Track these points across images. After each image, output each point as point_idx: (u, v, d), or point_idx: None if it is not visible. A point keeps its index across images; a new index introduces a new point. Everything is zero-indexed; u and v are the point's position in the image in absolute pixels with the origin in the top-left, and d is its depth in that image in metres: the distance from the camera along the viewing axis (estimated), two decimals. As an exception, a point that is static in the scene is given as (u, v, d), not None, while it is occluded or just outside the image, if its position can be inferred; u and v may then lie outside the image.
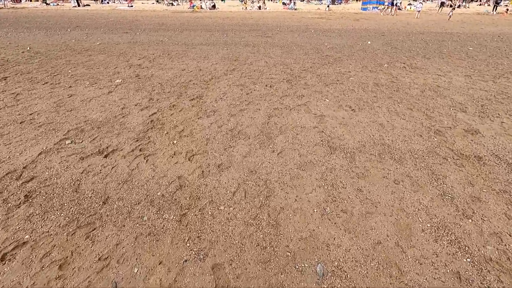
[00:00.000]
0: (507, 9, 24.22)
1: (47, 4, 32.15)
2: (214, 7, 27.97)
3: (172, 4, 31.53)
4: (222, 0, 35.93)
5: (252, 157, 3.19)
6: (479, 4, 31.59)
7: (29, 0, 37.04)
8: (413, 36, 12.36)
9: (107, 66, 7.33)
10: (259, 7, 28.24)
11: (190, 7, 28.09)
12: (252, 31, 13.79)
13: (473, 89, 5.55)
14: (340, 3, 34.07)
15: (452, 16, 20.48)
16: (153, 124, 4.03)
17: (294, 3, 28.98)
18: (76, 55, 8.67)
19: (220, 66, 7.28)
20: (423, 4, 23.96)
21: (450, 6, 25.65)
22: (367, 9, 26.44)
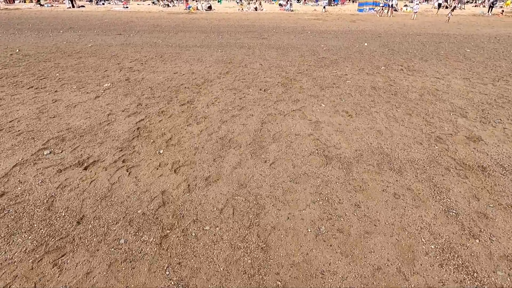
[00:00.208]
0: (503, 11, 24.30)
1: (41, 5, 31.74)
2: (210, 8, 27.78)
3: (168, 6, 31.28)
4: (219, 1, 35.76)
5: (243, 169, 2.99)
6: (475, 6, 31.71)
7: (23, 1, 36.61)
8: (410, 38, 12.25)
9: (97, 69, 7.10)
10: (256, 8, 28.10)
11: (186, 8, 27.87)
12: (248, 33, 13.60)
13: (473, 93, 5.40)
14: (337, 5, 34.05)
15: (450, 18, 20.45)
16: (140, 132, 3.81)
17: (291, 5, 28.87)
18: (66, 58, 8.41)
19: (214, 69, 7.08)
20: (419, 6, 23.93)
21: (448, 8, 25.69)
22: (363, 11, 26.40)
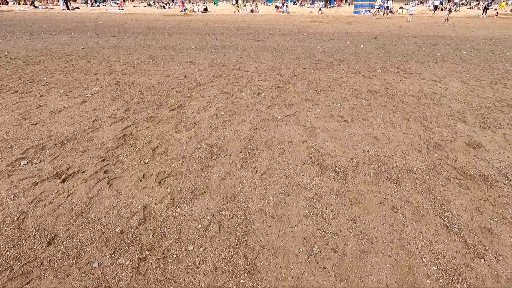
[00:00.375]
0: (497, 13, 24.46)
1: (36, 7, 31.40)
2: (206, 10, 27.66)
3: (164, 7, 31.12)
4: (215, 3, 35.68)
5: (232, 180, 2.81)
6: (469, 8, 31.92)
7: (17, 3, 36.23)
8: (406, 40, 12.18)
9: (87, 73, 6.89)
10: (252, 10, 28.03)
11: (182, 10, 27.72)
12: (244, 35, 13.47)
13: (471, 96, 5.28)
14: (333, 7, 34.11)
15: (442, 19, 20.50)
16: (125, 140, 3.62)
17: (287, 6, 28.85)
18: (56, 61, 8.19)
19: (207, 72, 6.91)
20: (415, 8, 24.01)
21: (443, 10, 25.81)
22: (359, 12, 26.43)
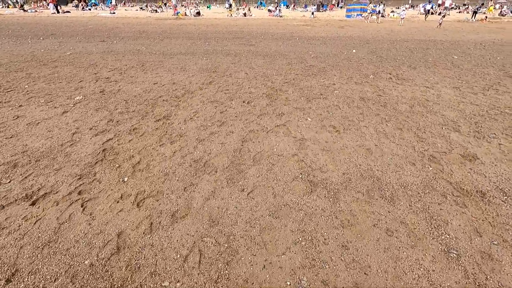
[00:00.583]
0: (486, 17, 24.88)
1: (25, 11, 30.82)
2: (199, 14, 27.51)
3: (156, 11, 30.85)
4: (208, 7, 35.58)
5: (216, 200, 2.63)
6: (459, 12, 32.47)
7: (6, 7, 35.55)
8: (398, 44, 12.21)
9: (71, 80, 6.64)
10: (245, 14, 27.98)
11: (174, 14, 27.51)
12: (236, 39, 13.34)
13: (464, 103, 5.21)
14: (325, 10, 34.32)
15: (434, 23, 20.75)
16: (105, 155, 3.41)
17: (280, 10, 28.90)
18: (40, 67, 7.91)
19: (197, 79, 6.73)
20: (406, 12, 24.28)
21: (433, 14, 26.18)
22: (351, 16, 26.61)
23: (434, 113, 4.72)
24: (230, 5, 31.45)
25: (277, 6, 29.78)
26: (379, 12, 23.56)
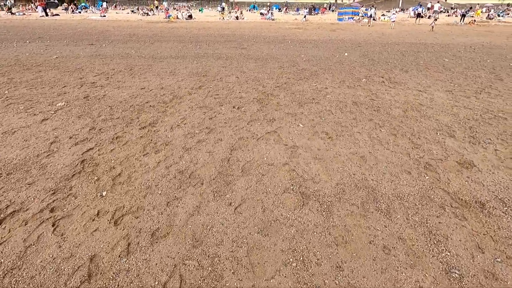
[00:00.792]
0: (474, 20, 25.38)
1: (13, 14, 30.12)
2: (191, 17, 27.34)
3: (148, 14, 30.56)
4: (200, 10, 35.46)
5: (201, 216, 2.44)
6: (448, 15, 33.09)
7: (-7, 10, 34.69)
8: (389, 47, 12.25)
9: (54, 85, 6.37)
10: (237, 17, 27.94)
11: (166, 17, 27.28)
12: (227, 42, 13.20)
13: (457, 107, 5.15)
14: (317, 14, 34.56)
15: (424, 26, 21.04)
16: (83, 166, 3.19)
17: (272, 13, 28.96)
18: (24, 72, 7.60)
19: (186, 83, 6.53)
20: (396, 15, 24.58)
21: (424, 17, 26.59)
22: (343, 20, 26.82)
23: (428, 118, 4.63)
24: (223, 8, 31.39)
25: (269, 10, 29.83)
26: (371, 16, 23.80)
